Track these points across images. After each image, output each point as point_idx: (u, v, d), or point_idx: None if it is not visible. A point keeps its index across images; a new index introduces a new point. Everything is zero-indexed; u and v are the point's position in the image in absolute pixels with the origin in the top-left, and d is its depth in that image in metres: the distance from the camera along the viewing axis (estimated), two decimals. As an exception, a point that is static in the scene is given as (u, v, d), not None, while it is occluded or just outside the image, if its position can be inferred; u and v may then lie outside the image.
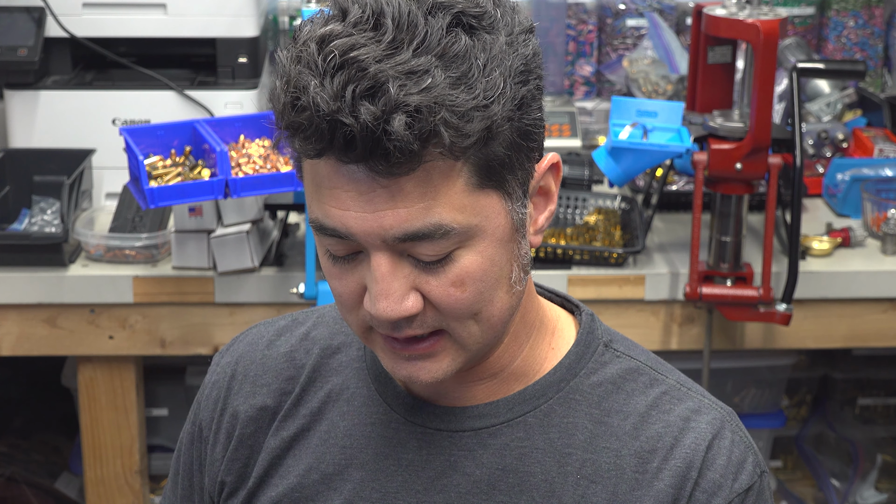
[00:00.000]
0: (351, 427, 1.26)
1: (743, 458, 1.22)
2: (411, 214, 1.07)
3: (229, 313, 2.44)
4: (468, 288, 1.12)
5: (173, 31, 2.67)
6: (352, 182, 1.07)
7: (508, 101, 1.08)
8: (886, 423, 3.15)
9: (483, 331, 1.15)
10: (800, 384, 3.14)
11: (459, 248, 1.10)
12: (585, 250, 2.47)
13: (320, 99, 1.04)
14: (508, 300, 1.15)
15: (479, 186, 1.09)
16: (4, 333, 2.44)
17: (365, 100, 1.03)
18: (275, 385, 1.31)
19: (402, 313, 1.11)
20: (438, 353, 1.15)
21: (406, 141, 1.03)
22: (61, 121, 2.65)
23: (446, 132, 1.04)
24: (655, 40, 3.09)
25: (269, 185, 2.20)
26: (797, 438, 3.17)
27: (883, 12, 3.22)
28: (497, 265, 1.13)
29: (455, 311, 1.12)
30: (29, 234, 2.46)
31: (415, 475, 1.23)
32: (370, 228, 1.08)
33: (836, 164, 2.77)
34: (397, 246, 1.09)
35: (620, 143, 2.31)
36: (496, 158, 1.09)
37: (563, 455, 1.21)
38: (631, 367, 1.26)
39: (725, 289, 2.41)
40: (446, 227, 1.08)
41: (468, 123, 1.05)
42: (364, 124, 1.02)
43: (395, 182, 1.06)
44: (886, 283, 2.51)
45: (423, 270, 1.11)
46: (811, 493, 3.09)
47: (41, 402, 3.22)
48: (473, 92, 1.05)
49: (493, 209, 1.11)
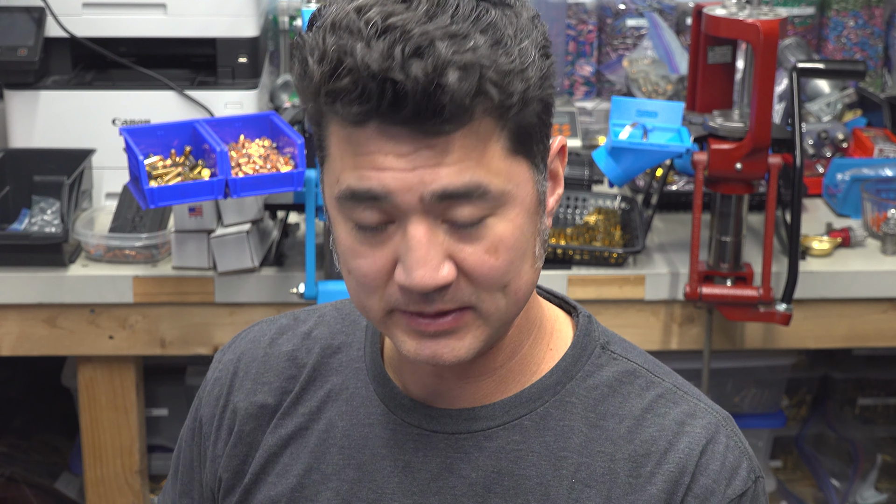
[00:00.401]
0: (349, 427, 1.26)
1: (737, 463, 1.21)
2: (452, 172, 1.09)
3: (229, 313, 2.44)
4: (501, 256, 1.12)
5: (173, 31, 2.67)
6: (393, 144, 1.08)
7: (537, 70, 1.11)
8: (886, 423, 3.15)
9: (508, 305, 1.15)
10: (800, 384, 3.14)
11: (492, 216, 1.11)
12: (585, 250, 2.47)
13: (369, 59, 1.05)
14: (532, 275, 1.16)
15: (513, 152, 1.12)
16: (4, 333, 2.44)
17: (414, 58, 1.04)
18: (276, 383, 1.31)
19: (439, 281, 1.11)
20: (462, 329, 1.15)
21: (460, 95, 1.05)
22: (61, 121, 2.65)
23: (494, 90, 1.07)
24: (655, 40, 3.09)
25: (269, 185, 2.20)
26: (797, 438, 3.17)
27: (883, 12, 3.22)
28: (525, 236, 1.14)
29: (489, 280, 1.13)
30: (29, 234, 2.46)
31: (411, 477, 1.23)
32: (410, 185, 1.09)
33: (836, 164, 2.77)
34: (434, 209, 1.10)
35: (620, 143, 2.31)
36: (528, 126, 1.12)
37: (559, 458, 1.21)
38: (627, 369, 1.25)
39: (725, 289, 2.41)
40: (484, 187, 1.10)
41: (510, 84, 1.08)
42: (416, 80, 1.04)
43: (439, 141, 1.08)
44: (886, 283, 2.51)
45: (458, 239, 1.11)
46: (811, 493, 3.09)
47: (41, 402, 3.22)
48: (510, 56, 1.08)
49: (523, 178, 1.13)
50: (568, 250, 2.47)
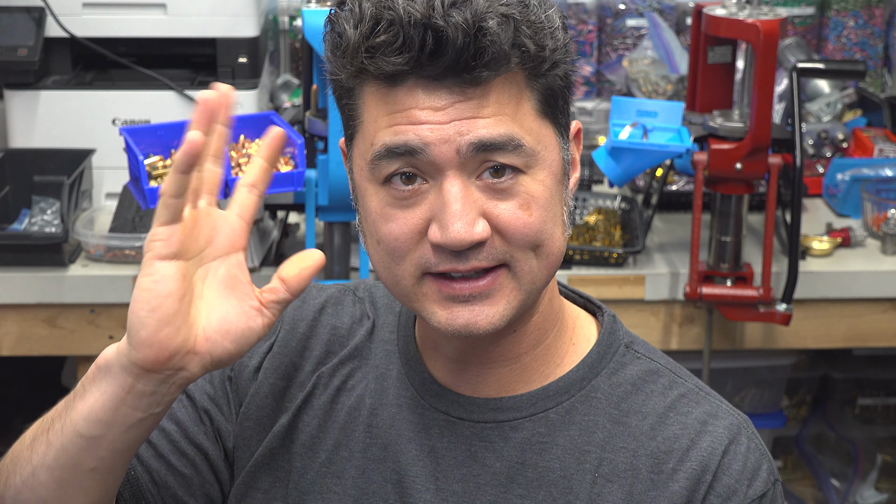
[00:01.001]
0: (377, 406, 1.28)
1: (758, 465, 1.22)
2: (488, 124, 1.13)
3: (229, 313, 2.44)
4: (534, 212, 1.15)
5: (173, 31, 2.67)
6: (429, 98, 1.12)
7: (560, 37, 1.16)
8: (886, 423, 3.15)
9: (541, 267, 1.17)
10: (800, 384, 3.14)
11: (523, 175, 1.15)
12: (585, 250, 2.47)
13: (412, 9, 1.10)
14: (562, 241, 1.19)
15: (542, 114, 1.17)
16: (4, 333, 2.45)
17: (454, 8, 1.09)
18: (316, 352, 1.32)
19: (475, 237, 1.14)
20: (496, 293, 1.16)
21: (500, 40, 1.10)
22: (61, 121, 2.65)
23: (529, 42, 1.12)
24: (655, 40, 3.09)
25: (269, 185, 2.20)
26: (797, 438, 3.17)
27: (883, 12, 3.22)
28: (555, 198, 1.17)
29: (523, 236, 1.15)
30: (29, 234, 2.46)
31: (435, 461, 1.24)
32: (447, 136, 1.12)
33: (836, 164, 2.77)
34: (469, 163, 1.13)
35: (620, 143, 2.31)
36: (555, 90, 1.17)
37: (582, 453, 1.22)
38: (651, 368, 1.27)
39: (725, 289, 2.41)
40: (518, 139, 1.14)
41: (542, 39, 1.13)
42: (457, 26, 1.09)
43: (475, 93, 1.12)
44: (886, 283, 2.51)
45: (492, 196, 1.15)
46: (811, 493, 3.09)
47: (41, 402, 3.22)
48: (541, 19, 1.14)
49: (550, 141, 1.17)
50: (568, 250, 2.47)
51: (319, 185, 2.28)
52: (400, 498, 1.24)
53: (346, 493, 1.26)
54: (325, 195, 2.29)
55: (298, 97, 2.81)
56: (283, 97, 3.00)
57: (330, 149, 2.25)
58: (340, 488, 1.27)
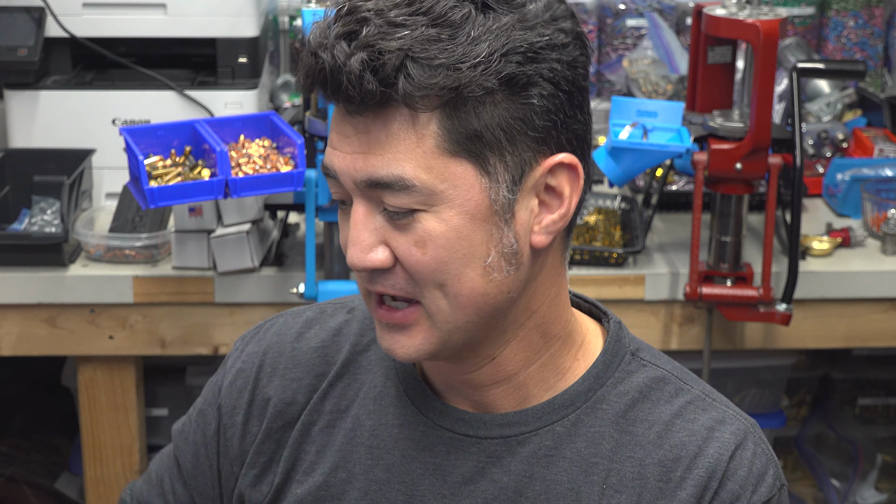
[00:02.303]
0: (377, 427, 1.27)
1: (764, 470, 1.22)
2: (378, 162, 1.12)
3: (229, 313, 2.44)
4: (429, 252, 1.13)
5: (173, 31, 2.66)
6: (342, 124, 1.13)
7: (488, 73, 1.10)
8: (886, 423, 3.15)
9: (452, 308, 1.15)
10: (800, 384, 3.14)
11: (425, 211, 1.13)
12: (585, 250, 2.47)
13: (312, 37, 1.11)
14: (482, 284, 1.15)
15: (451, 153, 1.12)
16: (4, 333, 2.44)
17: (342, 39, 1.09)
18: (305, 380, 1.31)
19: (367, 263, 1.14)
20: (412, 327, 1.17)
21: (357, 76, 1.08)
22: (61, 121, 2.65)
23: (404, 80, 1.08)
24: (655, 40, 3.09)
25: (269, 185, 2.20)
26: (797, 438, 3.17)
27: (883, 12, 3.22)
28: (465, 240, 1.14)
29: (417, 274, 1.14)
30: (29, 234, 2.46)
31: (441, 479, 1.23)
32: (346, 169, 1.13)
33: (836, 164, 2.77)
34: (368, 193, 1.14)
35: (620, 143, 2.31)
36: (472, 129, 1.11)
37: (590, 464, 1.22)
38: (657, 375, 1.26)
39: (725, 289, 2.41)
40: (408, 181, 1.11)
41: (430, 78, 1.09)
42: (331, 59, 1.09)
43: (375, 125, 1.11)
44: (886, 283, 2.51)
45: (393, 227, 1.14)
46: (811, 493, 3.09)
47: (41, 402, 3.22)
48: (448, 53, 1.09)
49: (464, 180, 1.13)
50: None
51: (319, 185, 2.28)
52: None
53: None
54: (325, 195, 2.29)
55: (298, 97, 2.81)
56: (283, 97, 3.00)
57: (330, 149, 2.25)
58: None
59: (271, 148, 2.28)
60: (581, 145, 1.19)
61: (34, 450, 3.08)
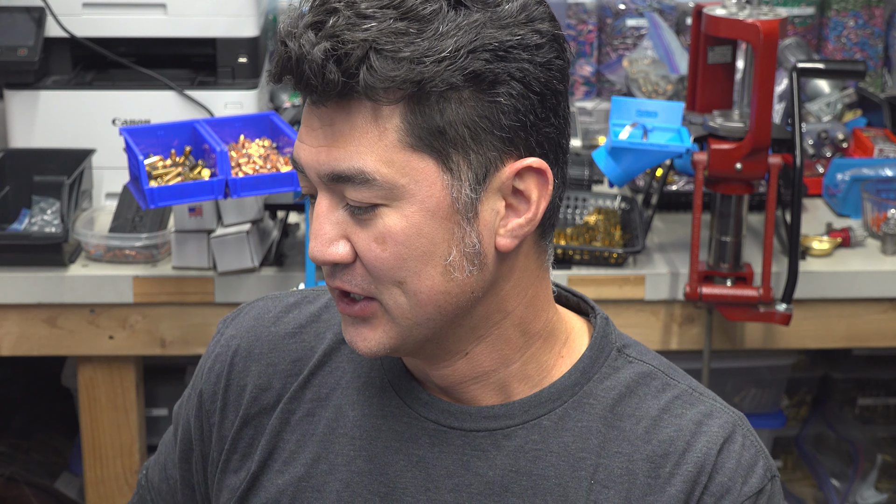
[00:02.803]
0: (361, 418, 1.26)
1: (753, 461, 1.22)
2: (339, 155, 1.12)
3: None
4: (388, 248, 1.13)
5: (173, 31, 2.66)
6: (310, 117, 1.14)
7: (453, 69, 1.09)
8: (886, 423, 3.15)
9: (412, 306, 1.15)
10: (800, 384, 3.14)
11: (386, 207, 1.12)
12: (585, 250, 2.47)
13: (283, 27, 1.11)
14: (442, 283, 1.14)
15: (413, 147, 1.11)
16: (4, 333, 2.44)
17: (310, 29, 1.10)
18: (281, 366, 1.31)
19: (328, 257, 1.14)
20: (372, 320, 1.17)
21: (320, 66, 1.08)
22: (61, 121, 2.65)
23: (366, 71, 1.08)
24: (655, 40, 3.09)
25: (269, 185, 2.20)
26: (797, 438, 3.17)
27: (883, 12, 3.22)
28: (425, 237, 1.13)
29: (376, 271, 1.14)
30: (29, 234, 2.46)
31: (425, 472, 1.22)
32: (310, 162, 1.14)
33: (836, 164, 2.77)
34: (331, 187, 1.13)
35: (620, 143, 2.31)
36: (435, 125, 1.11)
37: (577, 459, 1.21)
38: (644, 371, 1.26)
39: (725, 289, 2.41)
40: (368, 175, 1.11)
41: (392, 71, 1.08)
42: (298, 47, 1.09)
43: (339, 118, 1.11)
44: (886, 283, 2.51)
45: (355, 221, 1.14)
46: (811, 493, 3.09)
47: (41, 402, 3.22)
48: (413, 47, 1.09)
49: (425, 176, 1.12)
50: (568, 250, 2.47)
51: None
52: None
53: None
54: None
55: (298, 97, 2.81)
56: (283, 97, 3.00)
57: (330, 149, 2.25)
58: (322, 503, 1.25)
59: (271, 148, 2.28)
60: (553, 150, 1.17)
61: (34, 450, 3.08)
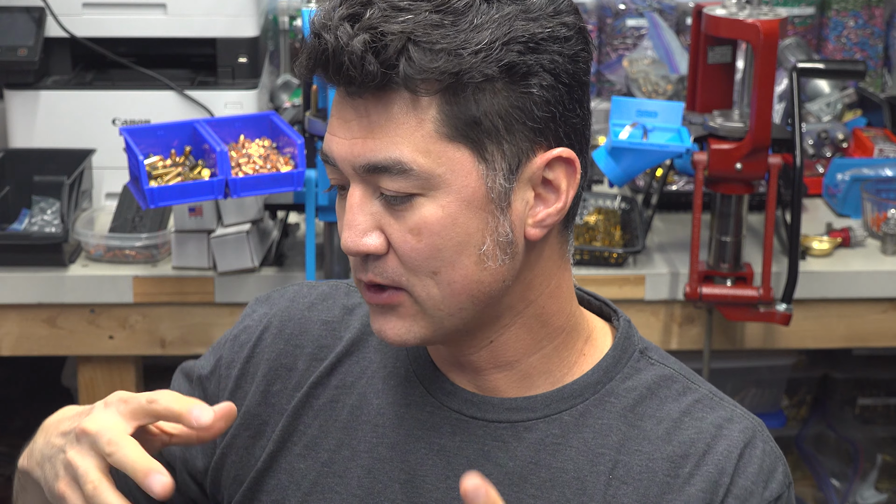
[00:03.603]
0: (384, 406, 1.27)
1: (773, 467, 1.23)
2: (376, 146, 1.12)
3: (229, 313, 2.44)
4: (424, 239, 1.14)
5: (173, 31, 2.67)
6: (343, 109, 1.14)
7: (489, 61, 1.11)
8: (886, 423, 3.15)
9: (444, 296, 1.16)
10: (800, 384, 3.14)
11: (422, 196, 1.13)
12: (585, 250, 2.47)
13: (317, 18, 1.12)
14: (476, 272, 1.16)
15: (449, 137, 1.13)
16: (4, 333, 2.44)
17: (346, 21, 1.10)
18: (308, 349, 1.32)
19: (361, 248, 1.14)
20: (400, 309, 1.17)
21: (359, 57, 1.09)
22: (61, 121, 2.65)
23: (406, 62, 1.09)
24: (655, 40, 3.09)
25: (269, 185, 2.20)
26: (797, 438, 3.17)
27: (883, 12, 3.22)
28: (461, 227, 1.14)
29: (411, 261, 1.14)
30: (29, 234, 2.46)
31: (446, 461, 1.24)
32: (344, 154, 1.14)
33: (836, 164, 2.77)
34: (367, 178, 1.14)
35: (620, 143, 2.31)
36: (471, 115, 1.12)
37: (596, 455, 1.22)
38: (665, 374, 1.27)
39: (725, 289, 2.41)
40: (405, 164, 1.12)
41: (431, 62, 1.09)
42: (334, 39, 1.10)
43: (375, 109, 1.12)
44: (886, 283, 2.51)
45: (389, 213, 1.14)
46: (811, 493, 3.09)
47: (41, 402, 3.22)
48: (449, 39, 1.10)
49: (461, 166, 1.13)
50: (568, 250, 2.47)
51: (319, 185, 2.28)
52: (408, 498, 1.24)
53: (350, 494, 1.26)
54: (325, 195, 2.29)
55: (298, 97, 2.81)
56: (283, 97, 3.00)
57: (330, 149, 2.25)
58: (344, 488, 1.26)
59: (271, 148, 2.28)
60: (579, 140, 1.20)
61: (34, 450, 3.08)
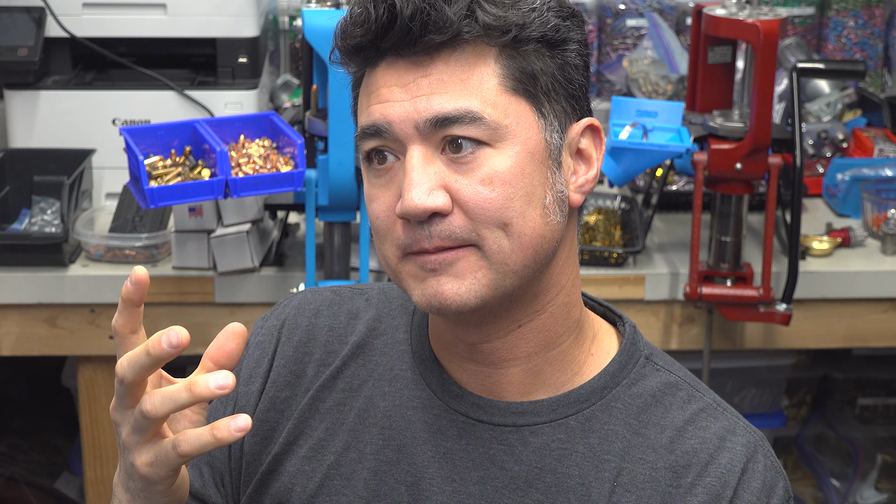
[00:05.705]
0: (391, 408, 1.28)
1: (774, 482, 1.24)
2: (445, 99, 1.14)
3: (229, 313, 2.44)
4: (497, 189, 1.15)
5: (173, 31, 2.67)
6: (395, 75, 1.15)
7: (543, 19, 1.16)
8: (886, 423, 3.15)
9: (513, 248, 1.16)
10: (800, 384, 3.14)
11: (490, 148, 1.15)
12: (585, 250, 2.47)
13: None
14: (542, 225, 1.17)
15: (513, 90, 1.16)
16: (4, 333, 2.44)
17: None
18: (316, 355, 1.32)
19: (429, 205, 1.14)
20: (462, 267, 1.16)
21: (447, 11, 1.12)
22: (61, 121, 2.65)
23: (482, 12, 1.13)
24: (655, 40, 3.09)
25: (269, 185, 2.20)
26: (797, 438, 3.17)
27: (883, 12, 3.22)
28: (528, 177, 1.16)
29: (484, 213, 1.15)
30: (29, 234, 2.46)
31: (451, 463, 1.24)
32: (406, 114, 1.14)
33: (836, 164, 2.77)
34: (431, 138, 1.15)
35: (620, 143, 2.31)
36: (530, 70, 1.16)
37: (601, 461, 1.23)
38: (670, 381, 1.28)
39: (725, 289, 2.41)
40: (476, 113, 1.14)
41: (503, 13, 1.14)
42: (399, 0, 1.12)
43: (436, 67, 1.14)
44: (886, 283, 2.51)
45: (454, 170, 1.15)
46: (811, 493, 3.09)
47: (41, 402, 3.22)
48: None
49: (525, 118, 1.16)
50: (568, 250, 2.47)
51: (319, 185, 2.28)
52: (413, 500, 1.24)
53: (356, 496, 1.26)
54: (325, 195, 2.29)
55: (298, 97, 2.81)
56: (283, 97, 3.00)
57: (330, 149, 2.25)
58: (350, 490, 1.27)
59: (271, 148, 2.28)
60: (592, 114, 1.25)
61: (34, 450, 3.08)
